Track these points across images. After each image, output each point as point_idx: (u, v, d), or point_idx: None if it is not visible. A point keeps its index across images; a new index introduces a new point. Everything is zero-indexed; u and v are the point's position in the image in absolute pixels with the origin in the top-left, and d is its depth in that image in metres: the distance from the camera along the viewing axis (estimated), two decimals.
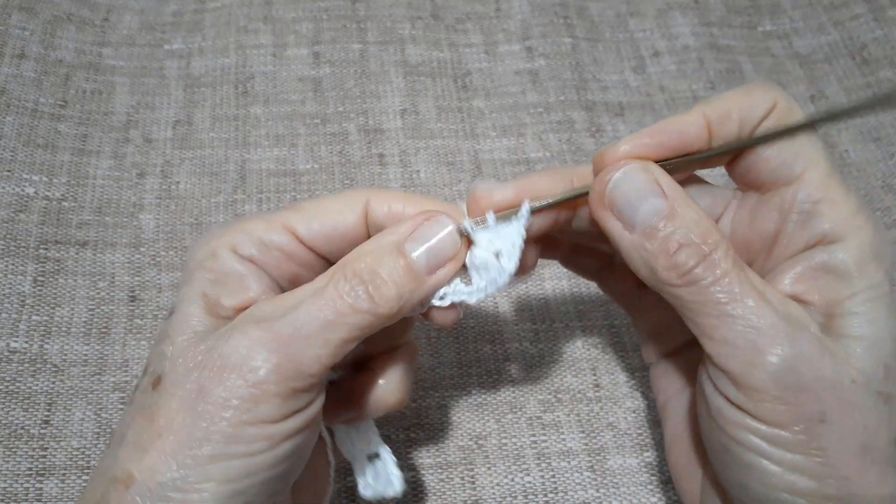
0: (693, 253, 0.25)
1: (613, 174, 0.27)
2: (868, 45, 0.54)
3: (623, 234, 0.27)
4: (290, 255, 0.29)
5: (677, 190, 0.27)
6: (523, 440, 0.39)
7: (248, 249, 0.28)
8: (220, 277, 0.27)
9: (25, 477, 0.36)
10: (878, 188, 0.48)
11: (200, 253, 0.28)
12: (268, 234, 0.28)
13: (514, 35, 0.55)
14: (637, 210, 0.26)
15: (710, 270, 0.25)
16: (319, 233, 0.29)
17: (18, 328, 0.40)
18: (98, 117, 0.49)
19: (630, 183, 0.27)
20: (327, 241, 0.29)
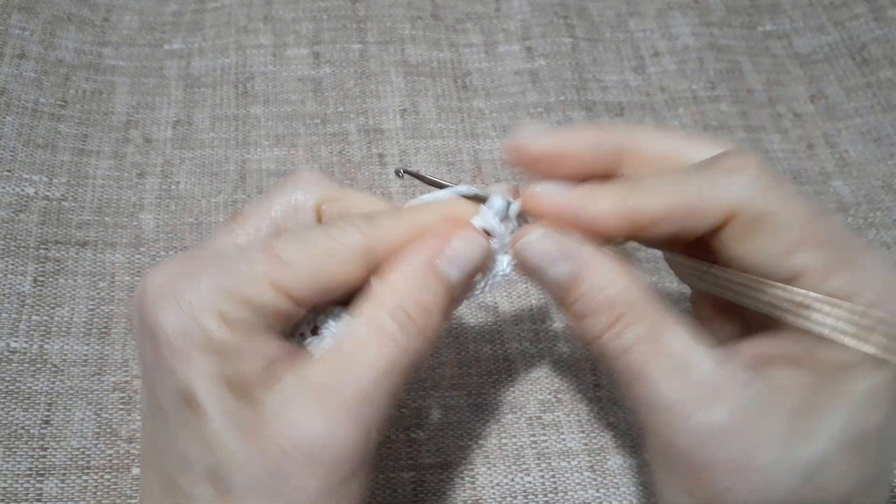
0: (598, 321, 0.25)
1: (527, 237, 0.27)
2: (868, 45, 0.54)
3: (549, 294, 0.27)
4: (285, 316, 0.25)
5: (585, 253, 0.26)
6: (523, 440, 0.39)
7: (237, 314, 0.24)
8: (226, 354, 0.24)
9: (25, 477, 0.36)
10: (878, 188, 0.48)
11: (181, 327, 0.23)
12: (258, 297, 0.24)
13: (514, 35, 0.55)
14: (546, 273, 0.27)
15: (615, 340, 0.25)
16: (315, 288, 0.25)
17: (18, 328, 0.40)
18: (98, 117, 0.49)
19: (539, 246, 0.27)
20: (325, 293, 0.26)
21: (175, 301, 0.24)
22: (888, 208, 0.47)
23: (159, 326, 0.24)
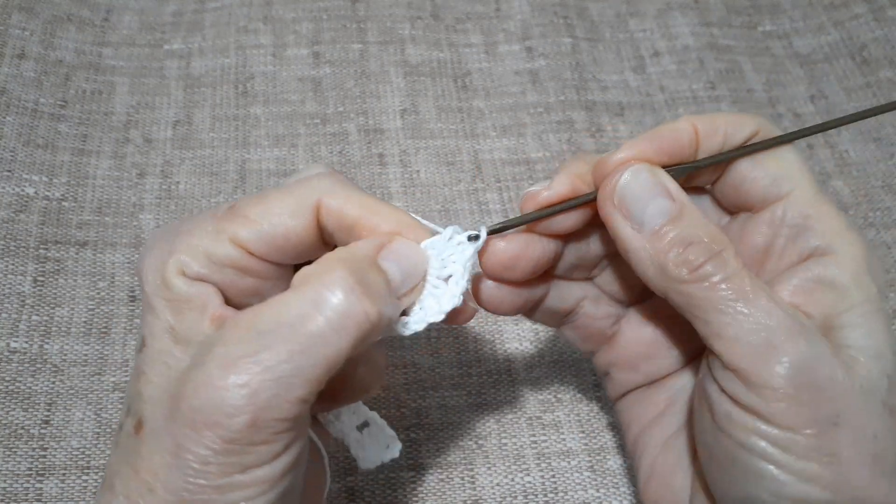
0: (703, 250, 0.25)
1: (622, 175, 0.27)
2: (868, 45, 0.54)
3: (632, 235, 0.27)
4: (243, 270, 0.26)
5: (683, 193, 0.27)
6: (523, 440, 0.39)
7: (196, 268, 0.25)
8: (179, 305, 0.25)
9: (25, 477, 0.36)
10: (878, 188, 0.48)
11: (152, 278, 0.26)
12: (215, 250, 0.26)
13: (514, 35, 0.55)
14: (646, 209, 0.26)
15: (721, 268, 0.25)
16: (270, 244, 0.26)
17: (18, 328, 0.40)
18: (98, 117, 0.49)
19: (638, 183, 0.27)
20: (279, 251, 0.26)
21: (151, 255, 0.26)
22: (888, 208, 0.47)
23: (142, 278, 0.26)
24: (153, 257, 0.26)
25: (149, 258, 0.26)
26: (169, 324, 0.25)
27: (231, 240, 0.26)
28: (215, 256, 0.26)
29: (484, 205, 0.47)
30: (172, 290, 0.25)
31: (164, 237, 0.26)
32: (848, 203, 0.48)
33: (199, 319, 0.25)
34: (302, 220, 0.26)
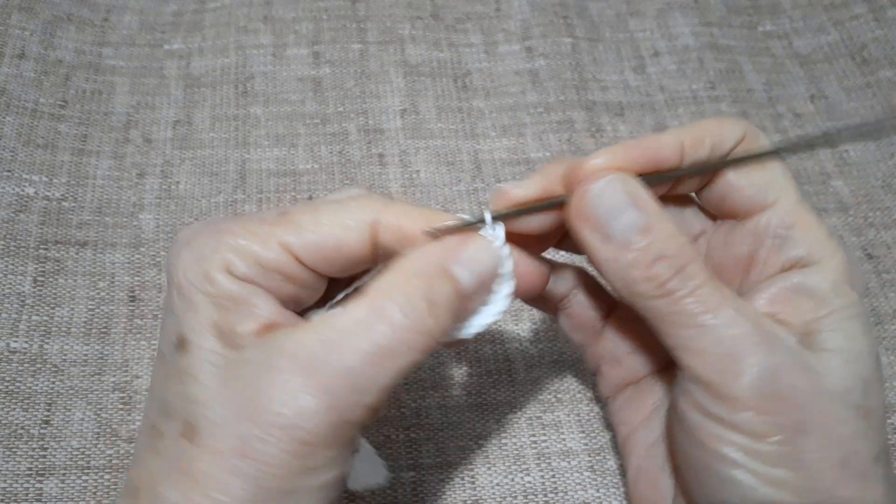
0: (669, 265, 0.25)
1: (592, 186, 0.26)
2: (868, 45, 0.54)
3: (600, 247, 0.26)
4: (289, 277, 0.26)
5: (654, 204, 0.26)
6: (523, 440, 0.39)
7: (243, 269, 0.25)
8: (224, 303, 0.25)
9: (25, 477, 0.36)
10: (878, 188, 0.48)
11: (191, 273, 0.25)
12: (264, 253, 0.25)
13: (514, 35, 0.55)
14: (614, 222, 0.26)
15: (686, 282, 0.25)
16: (320, 254, 0.26)
17: (18, 328, 0.40)
18: (98, 117, 0.49)
19: (608, 195, 0.26)
20: (328, 262, 0.26)
21: (190, 250, 0.25)
22: (888, 208, 0.47)
23: (174, 272, 0.25)
24: (191, 252, 0.25)
25: (185, 253, 0.25)
26: (213, 321, 0.24)
27: (281, 245, 0.25)
28: (264, 260, 0.25)
29: (484, 205, 0.47)
30: (218, 286, 0.25)
31: (204, 234, 0.26)
32: (848, 203, 0.48)
33: (248, 321, 0.25)
34: (356, 235, 0.26)
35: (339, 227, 0.26)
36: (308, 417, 0.22)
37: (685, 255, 0.26)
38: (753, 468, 0.24)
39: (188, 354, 0.24)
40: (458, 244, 0.26)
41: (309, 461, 0.23)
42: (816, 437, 0.24)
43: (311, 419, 0.22)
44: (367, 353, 0.23)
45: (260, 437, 0.22)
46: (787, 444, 0.24)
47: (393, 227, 0.26)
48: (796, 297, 0.27)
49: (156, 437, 0.24)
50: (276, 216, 0.26)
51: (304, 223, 0.26)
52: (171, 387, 0.24)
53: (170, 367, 0.25)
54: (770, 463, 0.24)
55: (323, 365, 0.23)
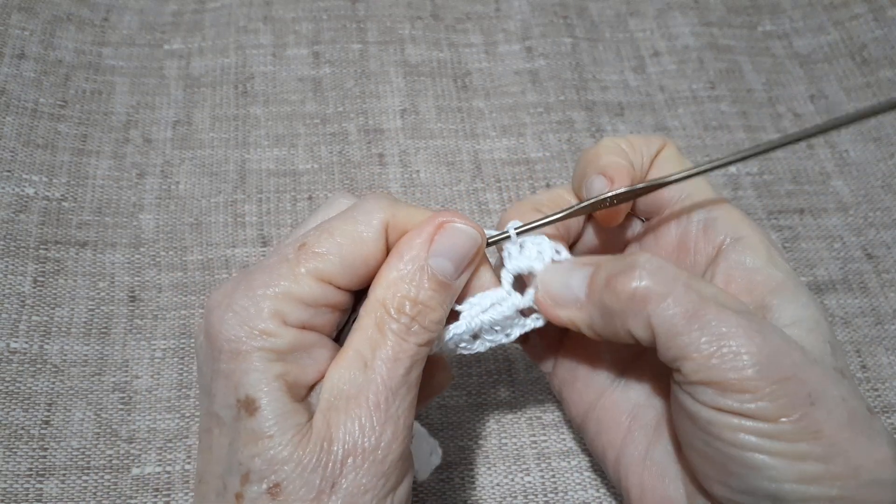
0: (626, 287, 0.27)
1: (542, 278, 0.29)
2: (868, 44, 0.54)
3: (578, 315, 0.29)
4: (335, 306, 0.27)
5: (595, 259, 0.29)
6: (523, 440, 0.39)
7: (296, 315, 0.26)
8: (286, 356, 0.25)
9: (25, 477, 0.36)
10: (879, 188, 0.48)
11: (243, 334, 0.25)
12: (308, 292, 0.26)
13: (513, 35, 0.55)
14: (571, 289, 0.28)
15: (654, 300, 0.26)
16: (352, 272, 0.27)
17: (18, 328, 0.40)
18: (98, 117, 0.49)
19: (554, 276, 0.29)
20: (360, 277, 0.27)
21: (232, 310, 0.25)
22: (888, 208, 0.47)
23: (219, 335, 0.25)
24: (236, 315, 0.25)
25: (229, 317, 0.25)
26: (278, 375, 0.25)
27: (315, 277, 0.26)
28: (308, 298, 0.26)
29: (484, 205, 0.47)
30: (278, 339, 0.25)
31: (240, 294, 0.26)
32: (848, 203, 0.48)
33: (310, 370, 0.26)
34: (376, 244, 0.27)
35: (360, 243, 0.27)
36: (376, 437, 0.25)
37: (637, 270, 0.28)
38: (777, 449, 0.25)
39: (259, 416, 0.24)
40: (431, 236, 0.27)
41: (390, 479, 0.25)
42: (824, 404, 0.25)
43: (379, 437, 0.25)
44: (390, 361, 0.25)
45: (343, 472, 0.24)
46: (803, 419, 0.24)
47: (400, 226, 0.27)
48: (741, 274, 0.29)
49: (235, 502, 0.25)
50: (296, 252, 0.27)
51: (325, 249, 0.26)
52: (244, 450, 0.25)
53: (236, 432, 0.25)
54: (791, 440, 0.24)
55: (365, 388, 0.25)
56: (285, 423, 0.24)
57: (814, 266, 0.45)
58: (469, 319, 0.29)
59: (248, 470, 0.24)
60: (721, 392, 0.25)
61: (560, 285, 0.29)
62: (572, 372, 0.33)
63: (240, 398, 0.25)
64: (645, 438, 0.31)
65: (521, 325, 0.30)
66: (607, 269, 0.27)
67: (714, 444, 0.26)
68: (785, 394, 0.24)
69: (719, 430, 0.25)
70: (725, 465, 0.26)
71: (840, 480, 0.24)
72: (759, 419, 0.24)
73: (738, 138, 0.50)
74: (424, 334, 0.26)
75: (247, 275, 0.27)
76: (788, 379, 0.25)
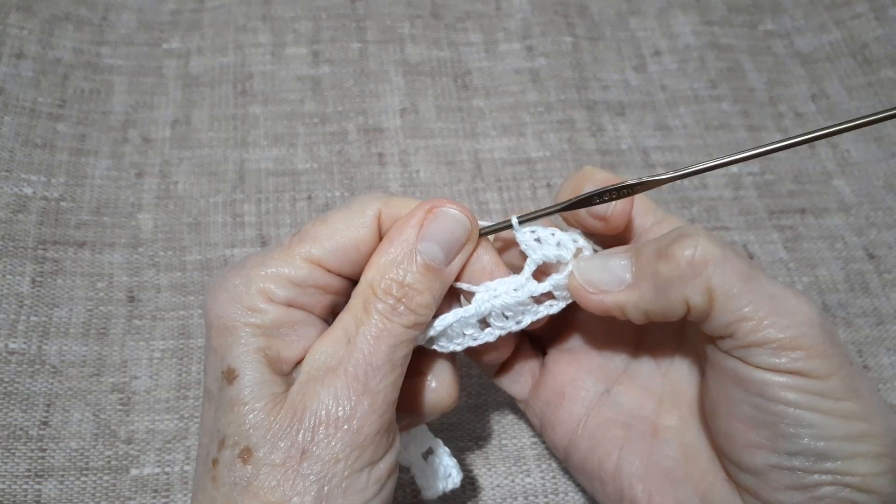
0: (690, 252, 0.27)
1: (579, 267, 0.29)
2: (869, 44, 0.54)
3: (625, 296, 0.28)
4: (323, 288, 0.28)
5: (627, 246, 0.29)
6: (524, 441, 0.38)
7: (282, 293, 0.27)
8: (271, 331, 0.26)
9: (24, 478, 0.36)
10: (880, 188, 0.48)
11: (231, 310, 0.27)
12: (296, 273, 0.27)
13: (514, 34, 0.54)
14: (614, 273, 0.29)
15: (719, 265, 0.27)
16: (342, 257, 0.28)
17: (17, 329, 0.40)
18: (96, 117, 0.48)
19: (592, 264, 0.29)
20: (352, 263, 0.28)
21: (224, 288, 0.27)
22: (889, 208, 0.47)
23: (211, 312, 0.27)
24: (227, 293, 0.27)
25: (221, 295, 0.27)
26: (259, 348, 0.26)
27: (305, 259, 0.27)
28: (296, 278, 0.27)
29: (484, 204, 0.47)
30: (264, 315, 0.26)
31: (232, 275, 0.28)
32: (849, 203, 0.48)
33: (295, 346, 0.27)
34: (368, 230, 0.28)
35: (352, 229, 0.28)
36: (352, 408, 0.25)
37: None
38: (827, 408, 0.25)
39: (237, 384, 0.26)
40: (421, 221, 0.28)
41: (365, 453, 0.25)
42: (856, 366, 0.26)
43: (354, 409, 0.25)
44: (373, 339, 0.26)
45: (315, 440, 0.25)
46: (848, 378, 0.25)
47: (393, 214, 0.28)
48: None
49: (212, 468, 0.26)
50: (291, 237, 0.28)
51: (319, 234, 0.28)
52: (223, 417, 0.26)
53: (219, 401, 0.26)
54: (839, 398, 0.25)
55: (345, 361, 0.26)
56: (261, 391, 0.25)
57: (815, 266, 0.45)
58: (480, 303, 0.29)
59: (224, 435, 0.25)
60: (776, 352, 0.25)
61: (601, 272, 0.29)
62: (558, 391, 0.33)
63: (223, 370, 0.26)
64: (645, 445, 0.31)
65: (534, 311, 0.30)
66: (657, 244, 0.27)
67: (766, 407, 0.26)
68: (833, 353, 0.25)
69: (774, 390, 0.26)
70: (776, 426, 0.26)
71: (879, 439, 0.25)
72: (812, 377, 0.25)
73: (739, 137, 0.50)
74: (410, 316, 0.27)
75: (245, 258, 0.28)
76: (833, 339, 0.26)
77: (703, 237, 0.26)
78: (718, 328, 0.26)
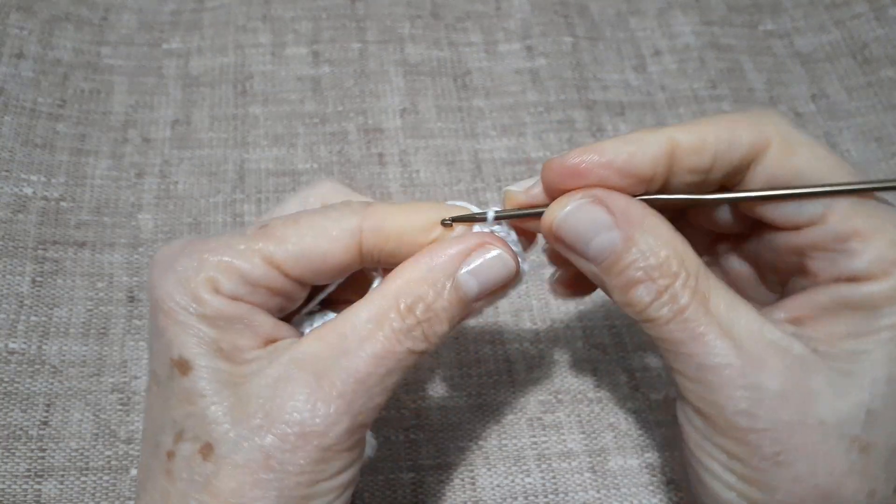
0: (648, 289, 0.24)
1: (559, 211, 0.26)
2: (869, 44, 0.54)
3: (581, 263, 0.26)
4: (275, 291, 0.26)
5: (635, 215, 0.25)
6: (524, 441, 0.38)
7: (230, 287, 0.25)
8: (219, 322, 0.25)
9: (24, 478, 0.36)
10: None
11: (178, 296, 0.24)
12: (249, 269, 0.25)
13: (514, 34, 0.54)
14: (588, 245, 0.25)
15: (667, 307, 0.24)
16: (305, 265, 0.25)
17: (17, 329, 0.40)
18: (96, 117, 0.48)
19: (579, 218, 0.25)
20: (314, 272, 0.26)
21: (173, 272, 0.25)
22: None
23: (158, 294, 0.25)
24: (175, 275, 0.25)
25: (169, 276, 0.25)
26: (212, 339, 0.24)
27: (264, 259, 0.25)
28: (250, 277, 0.25)
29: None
30: (208, 306, 0.24)
31: (185, 255, 0.25)
32: None
33: (249, 336, 0.25)
34: (340, 244, 0.26)
35: (323, 239, 0.25)
36: (328, 424, 0.23)
37: (669, 275, 0.24)
38: (732, 483, 0.25)
39: (192, 375, 0.24)
40: (470, 250, 0.26)
41: (331, 466, 0.23)
42: (793, 468, 0.24)
43: (330, 426, 0.23)
44: (374, 357, 0.24)
45: (282, 448, 0.23)
46: (762, 473, 0.24)
47: (375, 230, 0.26)
48: (839, 309, 0.25)
49: (166, 460, 0.24)
50: (256, 230, 0.26)
51: (287, 236, 0.25)
52: (177, 408, 0.24)
53: (171, 391, 0.24)
54: (747, 482, 0.24)
55: (334, 372, 0.23)
56: (220, 385, 0.24)
57: None
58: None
59: (182, 428, 0.24)
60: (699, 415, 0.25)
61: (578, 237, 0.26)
62: None
63: (173, 357, 0.24)
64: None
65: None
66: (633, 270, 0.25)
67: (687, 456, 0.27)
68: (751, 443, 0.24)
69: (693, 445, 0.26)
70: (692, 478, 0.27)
71: None
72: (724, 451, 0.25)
73: None
74: (422, 343, 0.25)
75: (200, 238, 0.26)
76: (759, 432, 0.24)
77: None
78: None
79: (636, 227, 0.25)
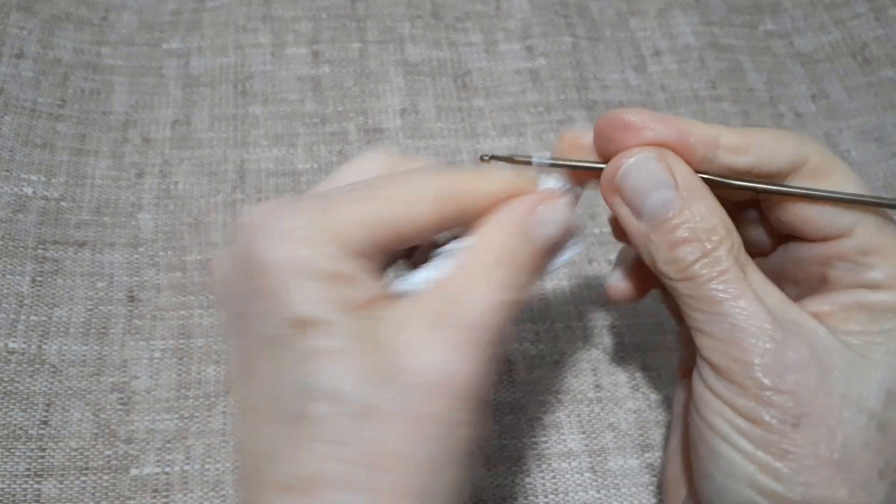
0: (694, 249, 0.26)
1: (626, 160, 0.27)
2: (869, 44, 0.54)
3: (630, 220, 0.27)
4: (385, 250, 0.25)
5: (692, 181, 0.26)
6: (524, 441, 0.38)
7: (355, 243, 0.24)
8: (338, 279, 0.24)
9: (24, 478, 0.36)
10: (880, 188, 0.48)
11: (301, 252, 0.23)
12: (369, 226, 0.24)
13: (514, 34, 0.55)
14: (646, 200, 0.26)
15: (709, 268, 0.25)
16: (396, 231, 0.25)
17: (16, 328, 0.40)
18: (96, 117, 0.48)
19: (642, 172, 0.26)
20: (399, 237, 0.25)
21: (281, 230, 0.24)
22: None
23: (263, 255, 0.23)
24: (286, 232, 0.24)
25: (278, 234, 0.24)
26: (337, 296, 0.23)
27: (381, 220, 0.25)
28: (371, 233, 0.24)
29: None
30: (337, 263, 0.23)
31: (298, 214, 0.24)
32: None
33: (364, 293, 0.24)
34: (425, 207, 0.25)
35: (410, 202, 0.25)
36: (460, 373, 0.23)
37: (714, 239, 0.26)
38: (744, 447, 0.25)
39: (319, 333, 0.23)
40: (534, 205, 0.26)
41: (462, 415, 0.23)
42: (813, 433, 0.24)
43: (462, 374, 0.23)
44: (489, 306, 0.24)
45: (411, 395, 0.22)
46: (779, 435, 0.24)
47: (455, 195, 0.26)
48: (857, 309, 0.27)
49: (306, 424, 0.23)
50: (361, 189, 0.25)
51: (386, 197, 0.25)
52: (301, 368, 0.23)
53: (293, 353, 0.23)
54: (761, 447, 0.24)
55: (456, 322, 0.23)
56: (350, 339, 0.23)
57: None
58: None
59: (314, 392, 0.22)
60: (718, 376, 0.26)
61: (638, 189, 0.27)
62: None
63: (294, 318, 0.23)
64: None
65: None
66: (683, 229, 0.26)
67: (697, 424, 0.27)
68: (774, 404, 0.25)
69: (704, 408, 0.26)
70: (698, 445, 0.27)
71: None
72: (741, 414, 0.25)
73: None
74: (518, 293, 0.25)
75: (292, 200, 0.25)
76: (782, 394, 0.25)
77: None
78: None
79: (693, 193, 0.26)
